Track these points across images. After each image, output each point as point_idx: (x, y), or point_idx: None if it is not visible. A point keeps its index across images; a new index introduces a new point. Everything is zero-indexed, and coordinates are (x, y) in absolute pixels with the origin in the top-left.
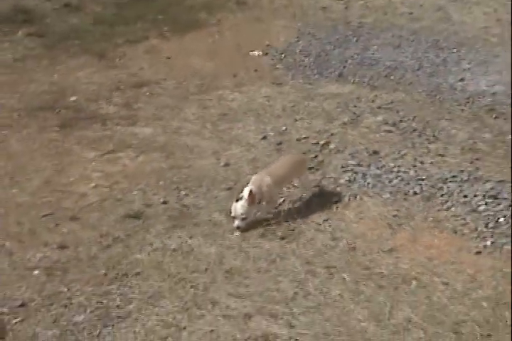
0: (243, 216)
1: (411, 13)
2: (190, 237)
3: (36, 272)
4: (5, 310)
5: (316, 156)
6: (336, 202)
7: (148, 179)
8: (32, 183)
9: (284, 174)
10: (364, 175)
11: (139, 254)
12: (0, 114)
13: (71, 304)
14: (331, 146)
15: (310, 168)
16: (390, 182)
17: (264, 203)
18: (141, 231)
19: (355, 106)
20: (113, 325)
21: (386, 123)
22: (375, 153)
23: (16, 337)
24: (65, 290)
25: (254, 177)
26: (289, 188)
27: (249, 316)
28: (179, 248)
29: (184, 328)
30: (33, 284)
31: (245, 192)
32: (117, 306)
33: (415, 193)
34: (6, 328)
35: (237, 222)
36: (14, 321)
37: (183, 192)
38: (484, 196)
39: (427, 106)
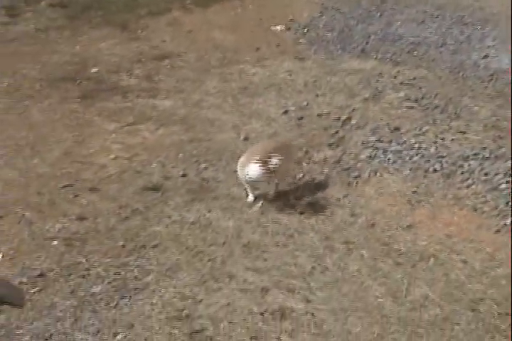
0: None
1: None
2: (209, 211)
3: (55, 242)
4: (24, 279)
5: (337, 132)
6: (356, 177)
7: (167, 152)
8: (52, 154)
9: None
10: (385, 151)
11: (157, 226)
12: (22, 85)
13: (89, 275)
14: (352, 122)
15: (330, 144)
16: (410, 158)
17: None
18: (160, 203)
19: (377, 82)
20: (130, 297)
21: (408, 100)
22: (396, 129)
23: (34, 306)
24: (84, 261)
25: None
26: (308, 163)
27: (266, 290)
28: (197, 221)
29: (201, 301)
30: (51, 254)
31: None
32: (135, 278)
33: (435, 170)
34: (24, 297)
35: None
36: (32, 291)
37: (202, 166)
38: (505, 174)
39: (449, 83)
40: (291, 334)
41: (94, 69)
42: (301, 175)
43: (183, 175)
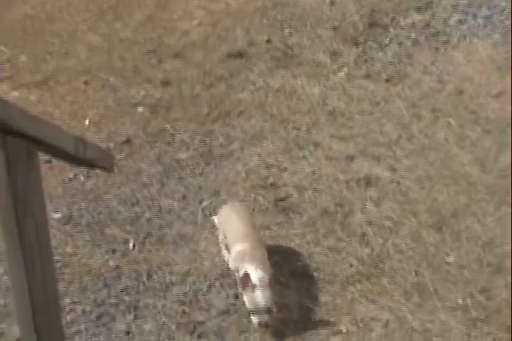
0: (268, 307)
1: None
2: (294, 77)
3: (140, 109)
4: (110, 145)
5: None
6: (445, 43)
7: (251, 17)
8: (135, 18)
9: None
10: (474, 15)
11: (242, 94)
12: None
13: (174, 141)
14: None
15: (418, 8)
16: (501, 23)
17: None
18: (244, 70)
19: None
20: (215, 164)
21: None
22: None
23: (121, 172)
24: (169, 127)
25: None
26: (395, 29)
27: (352, 158)
28: (282, 88)
29: (285, 169)
30: (137, 121)
31: (255, 277)
32: (220, 145)
33: None
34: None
35: (260, 318)
36: (119, 157)
37: (286, 31)
38: None
39: None
40: (376, 202)
41: None
42: (388, 40)
43: (268, 41)
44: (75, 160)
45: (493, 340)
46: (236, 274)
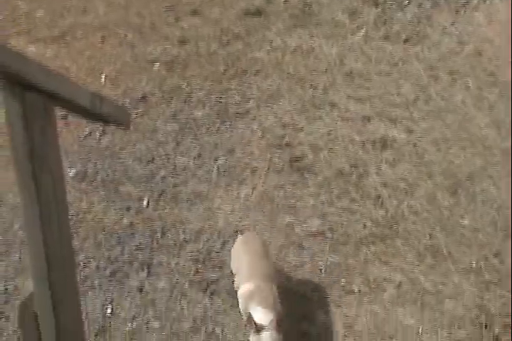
0: None
1: None
2: (311, 37)
3: (157, 66)
4: (127, 101)
5: None
6: (465, 4)
7: None
8: None
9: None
10: None
11: (259, 52)
12: None
13: (190, 99)
14: None
15: None
16: None
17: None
18: (262, 28)
19: None
20: (231, 122)
21: None
22: None
23: (137, 129)
24: (185, 85)
25: (255, 292)
26: None
27: (368, 119)
28: (299, 47)
29: (301, 128)
30: (153, 77)
31: (264, 319)
32: (236, 103)
33: None
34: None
35: None
36: (135, 114)
37: None
38: None
39: None
40: (391, 164)
41: None
42: (407, 0)
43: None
44: (91, 115)
45: (505, 303)
46: (244, 315)
